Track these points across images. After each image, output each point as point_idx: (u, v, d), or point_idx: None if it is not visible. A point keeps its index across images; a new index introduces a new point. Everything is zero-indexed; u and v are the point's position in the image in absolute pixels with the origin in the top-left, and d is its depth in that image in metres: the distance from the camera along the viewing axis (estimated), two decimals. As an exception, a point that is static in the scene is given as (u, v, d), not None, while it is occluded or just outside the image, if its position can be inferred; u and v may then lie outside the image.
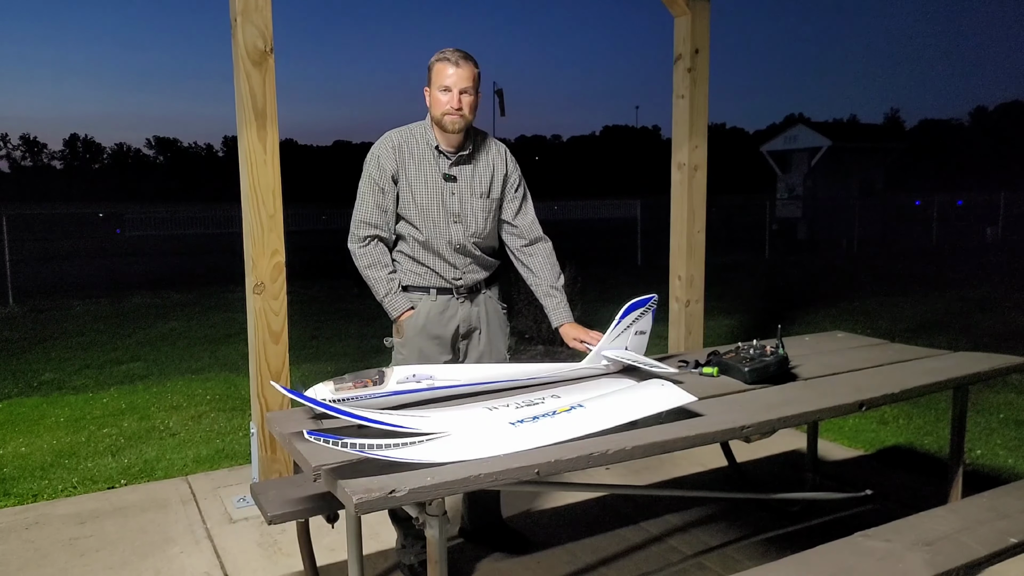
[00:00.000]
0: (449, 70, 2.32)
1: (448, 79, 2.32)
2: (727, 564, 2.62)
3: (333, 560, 2.69)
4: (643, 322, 2.35)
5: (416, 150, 2.42)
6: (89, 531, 3.04)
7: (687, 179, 4.01)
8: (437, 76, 2.34)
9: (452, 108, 2.32)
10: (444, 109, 2.33)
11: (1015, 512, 2.08)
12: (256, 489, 2.27)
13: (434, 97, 2.35)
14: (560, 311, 2.54)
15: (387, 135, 2.46)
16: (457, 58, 2.33)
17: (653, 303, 2.38)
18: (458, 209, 2.44)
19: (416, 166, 2.41)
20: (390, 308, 2.45)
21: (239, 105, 3.09)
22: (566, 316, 2.53)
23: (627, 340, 2.31)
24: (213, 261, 15.62)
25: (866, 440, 4.07)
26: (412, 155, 2.42)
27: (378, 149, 2.44)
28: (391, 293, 2.44)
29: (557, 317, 2.54)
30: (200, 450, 4.07)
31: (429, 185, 2.42)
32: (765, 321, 7.99)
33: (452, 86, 2.32)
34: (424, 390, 2.01)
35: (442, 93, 2.32)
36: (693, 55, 3.90)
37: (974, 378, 2.41)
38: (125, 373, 6.08)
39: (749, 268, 13.60)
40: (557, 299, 2.55)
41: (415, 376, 2.01)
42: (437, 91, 2.33)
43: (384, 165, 2.40)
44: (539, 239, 2.60)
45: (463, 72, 2.32)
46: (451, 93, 2.32)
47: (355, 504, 1.40)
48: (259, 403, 3.14)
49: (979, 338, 6.86)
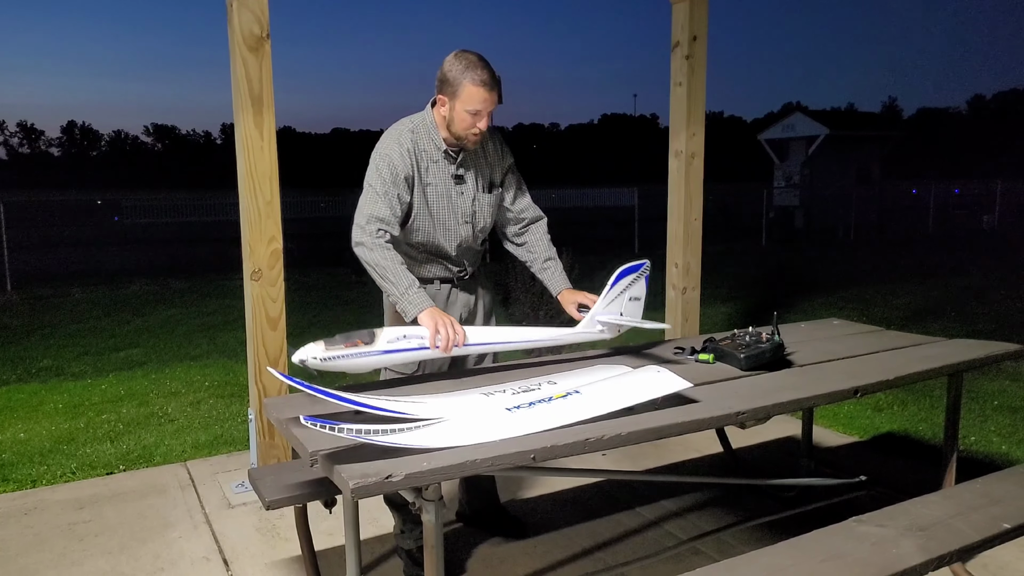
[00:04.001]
0: (484, 95, 2.23)
1: (482, 104, 2.23)
2: (722, 549, 2.65)
3: (331, 544, 2.71)
4: (637, 288, 2.35)
5: (428, 155, 2.34)
6: (88, 516, 3.06)
7: (684, 167, 4.00)
8: (468, 98, 2.22)
9: (479, 130, 2.27)
10: (471, 131, 2.27)
11: (1008, 498, 2.09)
12: (254, 475, 2.28)
13: (459, 115, 2.25)
14: (557, 279, 2.51)
15: (398, 134, 2.33)
16: (492, 83, 2.23)
17: (645, 269, 2.37)
18: (469, 209, 2.41)
19: (428, 171, 2.34)
20: (410, 305, 2.14)
21: (235, 91, 3.07)
22: (563, 283, 2.50)
23: (621, 306, 2.32)
24: (211, 248, 15.59)
25: (861, 427, 4.10)
26: (424, 160, 2.34)
27: (390, 149, 2.29)
28: (412, 288, 2.16)
29: (555, 285, 2.51)
30: (198, 436, 4.09)
31: (440, 189, 2.37)
32: (761, 308, 8.00)
33: (484, 111, 2.25)
34: (414, 349, 2.03)
35: (471, 115, 2.24)
36: (691, 42, 3.89)
37: (968, 365, 2.42)
38: (124, 360, 6.09)
39: (746, 255, 13.60)
40: (553, 269, 2.52)
41: (406, 336, 2.04)
42: (464, 111, 2.24)
43: (397, 166, 2.28)
44: (535, 219, 2.57)
45: (495, 97, 2.26)
46: (481, 118, 2.25)
47: (351, 489, 1.41)
48: (257, 389, 3.15)
49: (974, 325, 6.89)
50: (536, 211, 2.59)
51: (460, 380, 2.14)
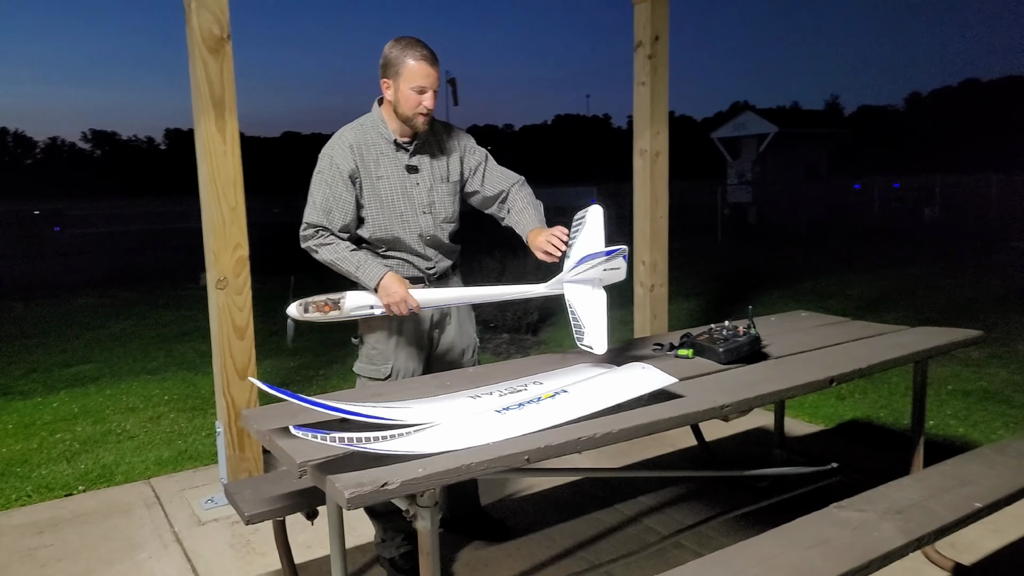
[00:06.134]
0: (426, 70, 2.23)
1: (425, 79, 2.23)
2: (703, 542, 2.67)
3: (311, 557, 2.65)
4: (615, 262, 2.18)
5: (374, 147, 2.33)
6: (49, 540, 2.93)
7: (649, 165, 4.04)
8: (411, 75, 2.23)
9: (427, 108, 2.26)
10: (419, 110, 2.25)
11: (977, 478, 2.16)
12: (230, 489, 2.22)
13: (404, 95, 2.25)
14: (528, 222, 2.37)
15: (340, 134, 2.34)
16: (433, 59, 2.24)
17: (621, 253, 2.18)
18: (426, 199, 2.40)
19: (376, 164, 2.32)
20: (367, 278, 2.25)
21: (195, 94, 2.99)
22: (532, 223, 2.36)
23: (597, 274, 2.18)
24: (161, 258, 15.17)
25: (826, 415, 4.20)
26: (371, 153, 2.32)
27: (332, 149, 2.32)
28: (363, 264, 2.26)
29: (524, 227, 2.37)
30: (161, 452, 3.96)
31: (393, 180, 2.34)
32: (724, 303, 8.15)
33: (429, 87, 2.24)
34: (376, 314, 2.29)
35: (417, 93, 2.24)
36: (653, 42, 3.93)
37: (934, 351, 2.50)
38: (75, 376, 5.86)
39: (703, 252, 13.84)
40: (529, 213, 2.39)
41: (371, 306, 2.27)
42: (410, 90, 2.23)
43: (339, 163, 2.28)
44: (511, 187, 2.48)
45: (436, 72, 2.26)
46: (427, 94, 2.25)
47: (347, 499, 1.38)
48: (225, 401, 3.06)
49: (925, 313, 7.14)
50: (507, 180, 2.49)
51: (444, 383, 2.12)
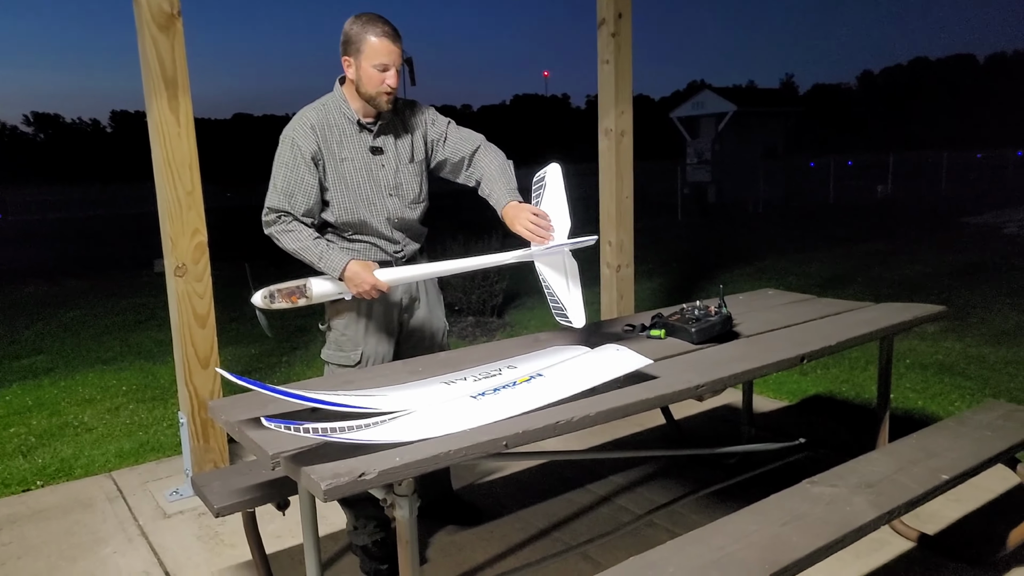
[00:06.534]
0: (388, 46, 2.17)
1: (388, 56, 2.17)
2: (676, 520, 2.70)
3: (281, 547, 2.60)
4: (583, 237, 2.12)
5: (337, 128, 2.26)
6: (7, 538, 2.82)
7: (615, 145, 4.03)
8: (373, 52, 2.17)
9: (390, 87, 2.20)
10: (382, 88, 2.19)
11: (942, 451, 2.22)
12: (198, 481, 2.16)
13: (367, 73, 2.19)
14: (501, 195, 2.23)
15: (301, 115, 2.27)
16: (395, 35, 2.19)
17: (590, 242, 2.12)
18: (392, 181, 2.34)
19: (340, 145, 2.26)
20: (330, 269, 2.20)
21: (146, 74, 2.87)
22: (505, 197, 2.21)
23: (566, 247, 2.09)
24: (110, 245, 14.71)
25: (789, 391, 4.28)
26: (333, 134, 2.26)
27: (292, 131, 2.24)
28: (325, 254, 2.21)
29: (497, 201, 2.24)
30: (122, 444, 3.84)
31: (357, 162, 2.28)
32: (687, 282, 8.23)
33: (391, 64, 2.19)
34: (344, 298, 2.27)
35: (379, 71, 2.18)
36: (616, 19, 3.90)
37: (900, 327, 2.54)
38: (27, 368, 5.65)
39: (664, 232, 13.95)
40: (500, 185, 2.26)
41: (340, 292, 2.25)
42: (372, 68, 2.17)
43: (301, 145, 2.22)
44: (476, 149, 2.37)
45: (399, 49, 2.20)
46: (389, 71, 2.19)
47: (324, 491, 1.34)
48: (188, 391, 2.98)
49: (881, 288, 7.31)
50: (470, 144, 2.37)
51: (416, 369, 2.08)
